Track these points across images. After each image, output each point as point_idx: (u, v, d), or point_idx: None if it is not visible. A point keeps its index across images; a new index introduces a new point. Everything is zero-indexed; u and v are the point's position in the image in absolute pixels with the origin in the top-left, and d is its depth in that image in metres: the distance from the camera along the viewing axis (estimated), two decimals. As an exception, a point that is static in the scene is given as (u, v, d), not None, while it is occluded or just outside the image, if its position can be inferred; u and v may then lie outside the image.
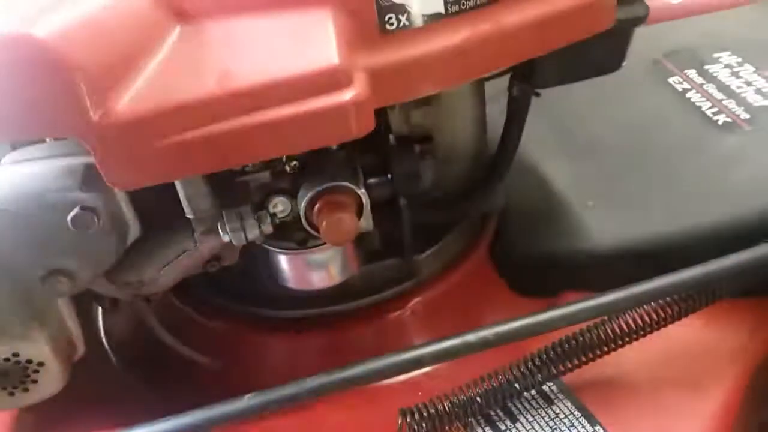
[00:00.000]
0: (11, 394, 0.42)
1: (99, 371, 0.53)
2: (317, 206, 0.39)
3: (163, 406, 0.43)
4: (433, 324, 0.53)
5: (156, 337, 0.55)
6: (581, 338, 0.45)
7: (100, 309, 0.57)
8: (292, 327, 0.52)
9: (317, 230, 0.40)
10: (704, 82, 0.63)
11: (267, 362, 0.53)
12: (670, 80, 0.64)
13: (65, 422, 0.47)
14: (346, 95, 0.34)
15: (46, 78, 0.30)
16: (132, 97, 0.31)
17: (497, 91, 0.53)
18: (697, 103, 0.61)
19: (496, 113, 0.53)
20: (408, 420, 0.45)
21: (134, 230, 0.41)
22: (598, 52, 0.46)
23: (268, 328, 0.52)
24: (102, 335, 0.56)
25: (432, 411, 0.45)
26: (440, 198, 0.52)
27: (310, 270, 0.46)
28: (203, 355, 0.54)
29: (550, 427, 0.46)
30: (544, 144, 0.60)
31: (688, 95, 0.62)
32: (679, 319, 0.46)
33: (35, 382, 0.42)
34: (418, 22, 0.36)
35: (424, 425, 0.45)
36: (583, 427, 0.45)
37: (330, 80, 0.34)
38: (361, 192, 0.40)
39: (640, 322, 0.45)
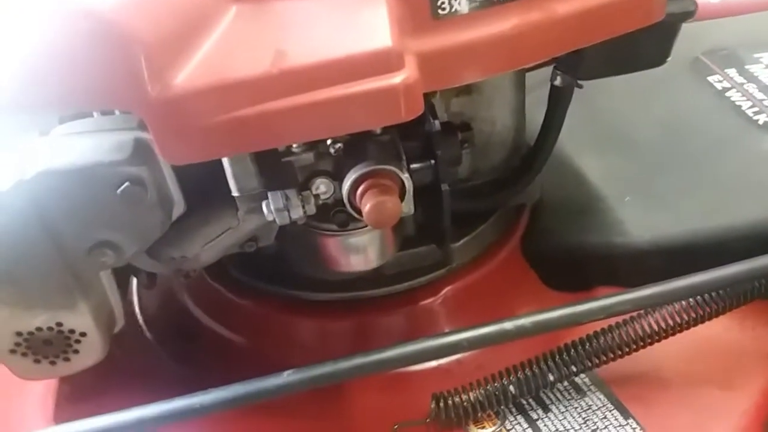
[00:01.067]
0: (53, 363, 0.42)
1: (133, 345, 0.54)
2: (361, 188, 0.40)
3: (195, 381, 0.44)
4: (464, 313, 0.54)
5: (188, 313, 0.56)
6: (617, 332, 0.45)
7: (134, 284, 0.57)
8: (323, 309, 0.53)
9: (360, 213, 0.40)
10: (745, 81, 0.62)
11: (297, 343, 0.54)
12: (710, 78, 0.64)
13: (100, 393, 0.48)
14: (397, 78, 0.34)
15: (107, 51, 0.31)
16: (189, 73, 0.31)
17: (535, 82, 0.53)
18: (737, 102, 0.60)
19: (534, 103, 0.53)
20: (441, 405, 0.46)
21: (179, 206, 0.41)
22: (644, 46, 0.45)
23: (299, 310, 0.53)
24: (137, 309, 0.57)
25: (465, 397, 0.46)
26: (476, 187, 0.52)
27: (349, 252, 0.46)
28: (234, 333, 0.54)
29: (583, 419, 0.46)
30: (580, 137, 0.60)
31: (727, 94, 0.61)
32: (716, 317, 0.46)
33: (77, 352, 0.42)
34: (470, 7, 0.36)
35: (456, 411, 0.45)
36: (616, 419, 0.45)
37: (382, 62, 0.34)
38: (405, 176, 0.40)
39: (677, 318, 0.45)
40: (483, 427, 0.46)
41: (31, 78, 0.32)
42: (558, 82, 0.47)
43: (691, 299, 0.45)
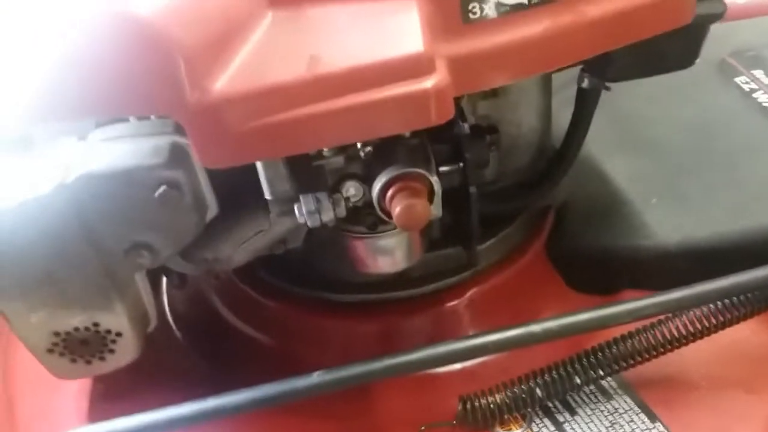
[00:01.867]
0: (88, 362, 0.43)
1: (164, 345, 0.55)
2: (391, 191, 0.40)
3: (224, 380, 0.44)
4: (488, 315, 0.54)
5: (216, 314, 0.57)
6: (644, 335, 0.45)
7: (164, 284, 0.58)
8: (349, 311, 0.53)
9: (389, 215, 0.40)
10: (774, 82, 0.62)
11: (323, 344, 0.54)
12: (737, 80, 0.63)
13: (133, 392, 0.49)
14: (429, 82, 0.34)
15: (146, 55, 0.31)
16: (227, 79, 0.32)
17: (560, 83, 0.53)
18: (765, 104, 0.60)
19: (559, 105, 0.53)
20: (468, 407, 0.46)
21: (212, 209, 0.42)
22: (673, 48, 0.45)
23: (325, 311, 0.53)
24: (167, 310, 0.58)
25: (492, 399, 0.46)
26: (502, 189, 0.52)
27: (378, 254, 0.46)
28: (261, 333, 0.55)
29: (609, 422, 0.46)
30: (606, 139, 0.60)
31: (755, 95, 0.61)
32: (744, 320, 0.45)
33: (112, 351, 0.43)
34: (500, 12, 0.37)
35: (483, 413, 0.46)
36: (643, 422, 0.45)
37: (414, 67, 0.34)
38: (434, 179, 0.41)
39: (705, 322, 0.45)
40: (509, 429, 0.46)
41: (70, 84, 0.33)
42: (585, 84, 0.48)
43: (718, 302, 0.45)
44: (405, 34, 0.35)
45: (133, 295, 0.42)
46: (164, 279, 0.55)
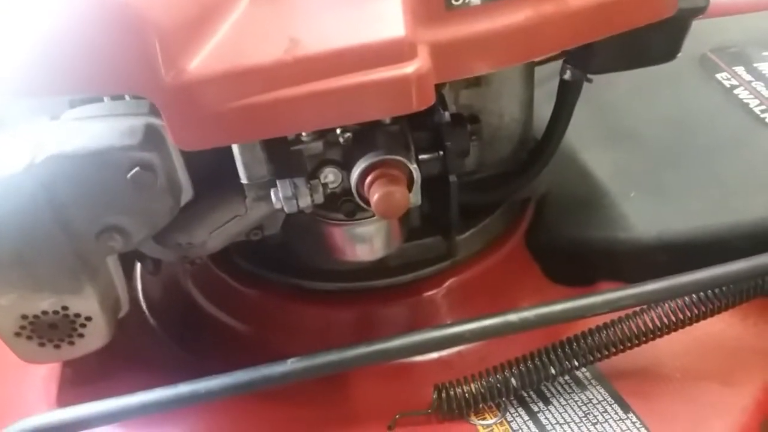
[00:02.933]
0: (57, 346, 0.43)
1: (136, 331, 0.54)
2: (369, 178, 0.40)
3: (198, 367, 0.44)
4: (466, 305, 0.54)
5: (191, 300, 0.56)
6: (619, 326, 0.46)
7: (138, 270, 0.57)
8: (327, 299, 0.53)
9: (367, 203, 0.40)
10: (753, 79, 0.62)
11: (299, 332, 0.54)
12: (718, 76, 0.64)
13: (103, 378, 0.48)
14: (410, 68, 0.34)
15: (121, 35, 0.31)
16: (203, 59, 0.32)
17: (543, 76, 0.53)
18: (745, 100, 0.60)
19: (542, 98, 0.53)
20: (443, 396, 0.46)
21: (187, 192, 0.41)
22: (655, 41, 0.45)
23: (302, 299, 0.53)
24: (140, 296, 0.57)
25: (467, 388, 0.46)
26: (483, 179, 0.52)
27: (356, 242, 0.46)
28: (237, 320, 0.55)
29: (583, 412, 0.46)
30: (585, 132, 0.60)
31: (735, 92, 0.61)
32: (718, 313, 0.46)
33: (81, 336, 0.42)
34: (483, -1, 0.36)
35: (458, 402, 0.46)
36: (616, 413, 0.46)
37: (395, 52, 0.34)
38: (413, 167, 0.41)
39: (680, 315, 0.45)
40: (484, 419, 0.46)
41: (43, 62, 0.32)
42: (568, 76, 0.48)
43: (694, 295, 0.45)
44: (387, 19, 0.34)
45: (105, 279, 0.42)
46: (138, 265, 0.54)
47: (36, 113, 0.39)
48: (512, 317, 0.43)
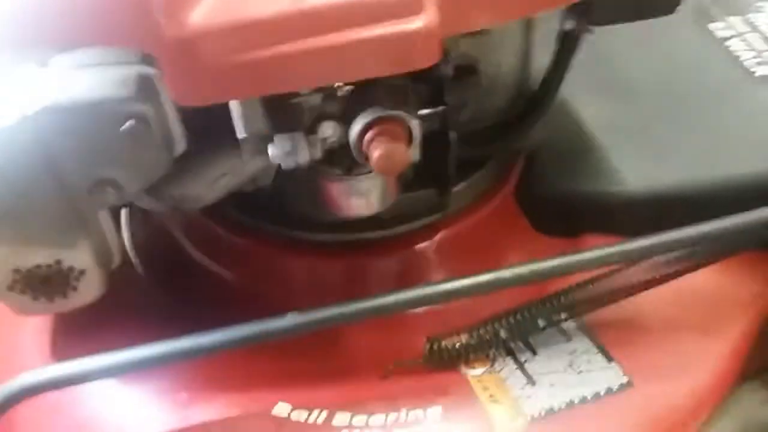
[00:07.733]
0: (50, 299, 0.42)
1: (126, 282, 0.53)
2: (369, 134, 0.39)
3: (189, 318, 0.44)
4: (457, 257, 0.54)
5: (182, 249, 0.55)
6: (605, 281, 0.47)
7: (124, 219, 0.56)
8: (318, 250, 0.53)
9: (367, 159, 0.40)
10: (748, 30, 0.62)
11: (290, 283, 0.54)
12: (711, 26, 0.63)
13: (97, 329, 0.48)
14: (418, 22, 0.33)
15: (118, -17, 0.29)
16: (204, 12, 0.30)
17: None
18: (737, 53, 0.60)
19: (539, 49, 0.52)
20: (435, 348, 0.47)
21: (180, 145, 0.40)
22: (657, -8, 0.45)
23: (294, 249, 0.53)
24: (128, 246, 0.56)
25: (458, 340, 0.47)
26: (478, 132, 0.52)
27: (352, 197, 0.46)
28: (227, 270, 0.54)
29: (568, 362, 0.47)
30: (577, 84, 0.59)
31: (727, 43, 0.61)
32: (704, 266, 0.47)
33: (75, 289, 0.42)
34: (491, -51, 0.35)
35: (449, 353, 0.47)
36: (599, 362, 0.47)
37: (402, 5, 0.33)
38: (414, 123, 0.40)
39: (666, 269, 0.46)
40: (474, 368, 0.48)
41: (37, 12, 0.30)
42: (568, 26, 0.47)
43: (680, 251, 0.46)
44: (393, -29, 0.33)
45: (98, 232, 0.41)
46: (124, 214, 0.53)
47: (22, 59, 0.37)
48: (506, 273, 0.43)
